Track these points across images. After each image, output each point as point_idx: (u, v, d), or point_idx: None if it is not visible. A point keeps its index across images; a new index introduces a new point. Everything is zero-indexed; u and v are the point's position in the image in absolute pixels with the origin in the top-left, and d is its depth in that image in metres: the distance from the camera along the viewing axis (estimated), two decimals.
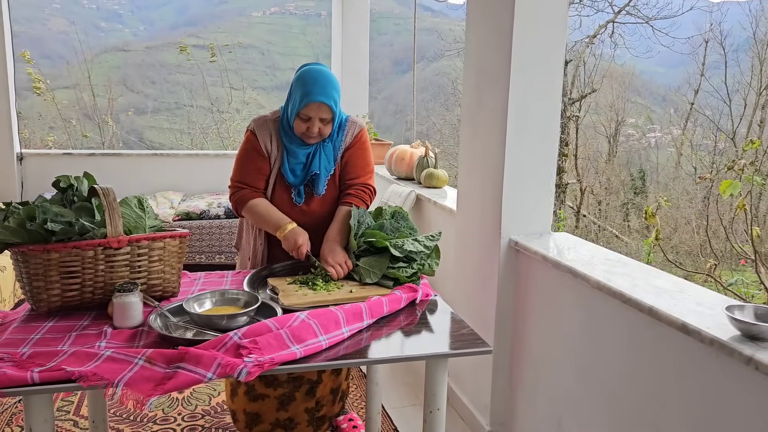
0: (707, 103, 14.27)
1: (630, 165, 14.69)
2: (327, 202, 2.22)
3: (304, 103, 2.03)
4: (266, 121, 2.18)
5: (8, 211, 1.67)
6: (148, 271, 1.78)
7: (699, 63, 14.24)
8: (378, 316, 1.74)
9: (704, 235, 7.79)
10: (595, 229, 11.71)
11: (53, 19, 20.65)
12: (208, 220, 4.47)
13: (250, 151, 2.17)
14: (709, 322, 1.50)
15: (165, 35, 22.39)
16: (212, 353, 1.45)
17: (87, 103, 8.91)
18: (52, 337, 1.56)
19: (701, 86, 14.14)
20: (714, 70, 14.60)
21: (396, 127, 17.58)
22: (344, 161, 2.22)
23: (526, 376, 2.34)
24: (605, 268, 1.96)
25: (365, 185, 2.23)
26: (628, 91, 15.65)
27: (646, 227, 11.77)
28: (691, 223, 10.36)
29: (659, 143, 16.43)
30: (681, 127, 14.81)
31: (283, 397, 2.12)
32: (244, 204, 2.16)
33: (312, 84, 2.04)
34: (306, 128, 2.07)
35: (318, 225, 2.17)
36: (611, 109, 14.81)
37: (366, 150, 2.26)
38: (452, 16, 20.40)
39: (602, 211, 13.09)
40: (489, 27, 2.37)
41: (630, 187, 13.60)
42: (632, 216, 12.77)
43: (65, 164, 4.66)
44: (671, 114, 16.68)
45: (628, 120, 15.52)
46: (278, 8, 24.32)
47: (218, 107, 9.52)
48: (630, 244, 10.68)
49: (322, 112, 2.05)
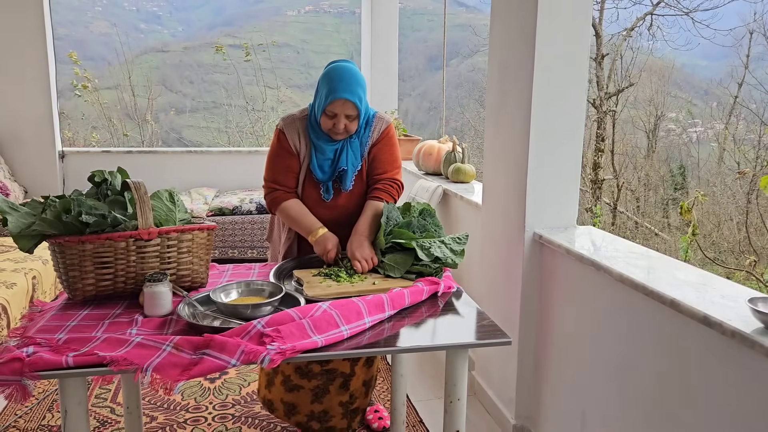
0: (752, 97, 13.83)
1: (670, 160, 14.35)
2: (354, 198, 2.25)
3: (329, 100, 2.07)
4: (294, 119, 2.22)
5: (46, 204, 1.75)
6: (178, 262, 1.84)
7: (743, 55, 13.81)
8: (399, 307, 1.77)
9: (744, 232, 7.57)
10: (632, 225, 11.48)
11: (95, 21, 21.22)
12: (240, 216, 4.57)
13: (280, 149, 2.22)
14: (732, 315, 1.48)
15: (202, 35, 22.79)
16: (236, 341, 1.50)
17: (128, 103, 9.15)
18: (86, 324, 1.63)
19: (745, 79, 13.71)
20: (759, 62, 14.14)
21: (430, 124, 17.54)
22: (371, 157, 2.24)
23: (551, 369, 2.33)
24: (629, 261, 1.95)
25: (393, 180, 2.25)
26: (668, 85, 15.27)
27: (686, 224, 11.49)
28: (733, 219, 10.07)
29: (701, 138, 16.00)
30: (724, 121, 14.39)
31: (317, 389, 2.16)
32: (277, 205, 2.22)
33: (337, 81, 2.07)
34: (332, 125, 2.11)
35: (346, 220, 2.21)
36: (650, 103, 14.48)
37: (393, 145, 2.28)
38: (486, 12, 20.23)
39: (640, 207, 12.82)
40: (513, 21, 2.36)
41: (670, 183, 13.29)
42: (671, 213, 12.48)
43: (104, 161, 4.82)
44: (713, 108, 16.22)
45: (668, 114, 15.15)
46: (313, 7, 24.50)
47: (253, 105, 9.66)
48: (668, 240, 10.45)
49: (347, 108, 2.08)
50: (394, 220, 2.08)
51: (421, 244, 1.98)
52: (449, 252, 1.99)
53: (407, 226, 2.06)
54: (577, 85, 2.29)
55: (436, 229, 2.07)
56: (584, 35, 2.26)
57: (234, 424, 2.54)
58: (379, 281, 1.93)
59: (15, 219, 1.69)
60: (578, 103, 2.30)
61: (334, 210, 2.23)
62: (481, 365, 2.81)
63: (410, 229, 2.05)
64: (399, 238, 2.02)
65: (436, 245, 1.99)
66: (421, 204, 2.14)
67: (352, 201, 2.25)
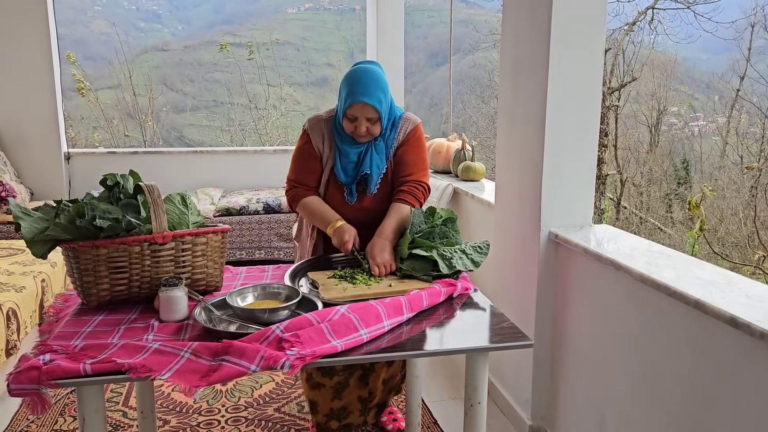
0: (754, 90, 13.78)
1: (673, 155, 14.31)
2: (379, 200, 2.21)
3: (348, 103, 2.05)
4: (319, 120, 2.20)
5: (59, 209, 1.73)
6: (192, 265, 1.82)
7: (744, 48, 13.76)
8: (418, 309, 1.74)
9: (752, 227, 7.54)
10: (637, 221, 11.45)
11: (95, 21, 21.17)
12: (247, 216, 4.54)
13: (303, 150, 2.21)
14: (759, 315, 1.46)
15: (202, 34, 22.74)
16: (255, 346, 1.48)
17: (129, 103, 9.13)
18: (102, 330, 1.61)
19: (747, 72, 13.66)
20: (761, 55, 14.09)
21: (432, 120, 17.50)
22: (397, 158, 2.20)
23: (568, 370, 2.31)
24: (648, 260, 1.92)
25: (419, 182, 2.19)
26: (670, 79, 15.22)
27: (690, 219, 11.46)
28: (738, 213, 10.04)
29: (703, 132, 15.95)
30: (726, 114, 14.34)
31: (339, 385, 2.16)
32: (297, 201, 2.22)
33: (356, 84, 2.05)
34: (354, 128, 2.08)
35: (370, 222, 2.16)
36: (652, 97, 14.43)
37: (421, 147, 2.23)
38: (487, 8, 20.19)
39: (644, 202, 12.79)
40: (526, 17, 2.34)
41: (673, 178, 13.26)
42: (675, 207, 12.45)
43: (110, 162, 4.80)
44: (715, 101, 16.17)
45: (670, 108, 15.11)
46: (313, 4, 24.44)
47: (256, 104, 9.64)
48: (673, 236, 10.42)
49: (366, 112, 2.05)
50: (417, 227, 2.05)
51: (442, 254, 1.95)
52: (470, 263, 1.97)
53: (429, 234, 2.02)
54: (591, 81, 2.26)
55: (455, 236, 2.04)
56: (599, 29, 2.23)
57: (247, 427, 2.52)
58: (395, 283, 1.91)
59: (28, 224, 1.67)
60: (593, 99, 2.28)
61: (358, 212, 2.20)
62: (494, 365, 2.79)
63: (431, 236, 2.02)
64: (420, 247, 1.99)
65: (458, 256, 1.95)
66: (446, 211, 2.10)
67: (377, 203, 2.21)
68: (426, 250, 1.97)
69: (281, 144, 8.89)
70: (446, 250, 1.97)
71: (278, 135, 9.61)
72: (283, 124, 9.95)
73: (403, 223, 2.08)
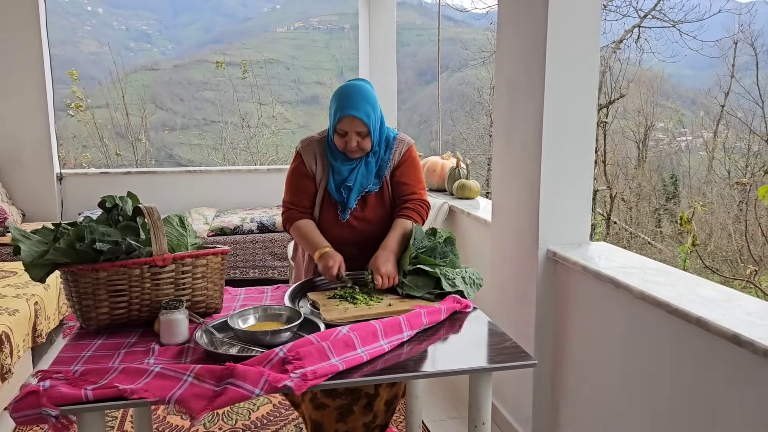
0: (739, 105, 13.99)
1: (661, 170, 14.46)
2: (375, 221, 2.22)
3: (337, 118, 2.08)
4: (312, 141, 2.23)
5: (58, 232, 1.72)
6: (192, 288, 1.81)
7: (729, 65, 13.99)
8: (417, 328, 1.74)
9: (741, 241, 7.60)
10: (627, 236, 11.52)
11: (85, 41, 21.20)
12: (241, 235, 4.52)
13: (297, 171, 2.23)
14: (762, 333, 1.46)
15: (192, 53, 22.82)
16: (259, 369, 1.47)
17: (119, 122, 9.11)
18: (101, 355, 1.59)
19: (732, 88, 13.88)
20: (745, 72, 14.32)
21: (421, 138, 17.59)
22: (395, 179, 2.23)
23: (569, 388, 2.31)
24: (647, 278, 1.93)
25: (422, 200, 2.24)
26: (656, 95, 15.43)
27: (679, 233, 11.54)
28: (727, 228, 10.13)
29: (690, 147, 16.14)
30: (712, 130, 14.53)
31: (342, 408, 2.14)
32: (291, 224, 2.23)
33: (344, 99, 2.08)
34: (344, 143, 2.10)
35: (366, 242, 2.18)
36: (639, 113, 14.61)
37: (417, 166, 2.28)
38: (475, 26, 20.42)
39: (633, 217, 12.88)
40: (521, 36, 2.36)
41: (662, 193, 13.37)
42: (665, 222, 12.54)
43: (102, 183, 4.77)
44: (701, 117, 16.39)
45: (657, 124, 15.29)
46: (302, 23, 24.64)
47: (248, 122, 9.66)
48: (664, 250, 10.49)
49: (355, 125, 2.07)
50: (420, 242, 2.07)
51: (445, 274, 1.97)
52: (469, 288, 2.00)
53: (431, 251, 2.05)
54: (586, 99, 2.29)
55: (454, 259, 2.07)
56: (593, 49, 2.26)
57: None
58: (395, 302, 1.91)
59: (27, 248, 1.65)
60: (588, 116, 2.30)
61: (353, 231, 2.21)
62: (494, 384, 2.75)
63: (434, 254, 2.05)
64: (424, 263, 2.01)
65: (459, 278, 1.98)
66: (445, 231, 2.13)
67: (373, 225, 2.22)
68: (430, 267, 1.99)
69: (272, 162, 8.89)
70: (449, 271, 1.98)
71: (269, 153, 9.63)
72: (273, 143, 9.98)
73: (406, 238, 2.09)
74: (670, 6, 11.83)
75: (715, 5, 12.12)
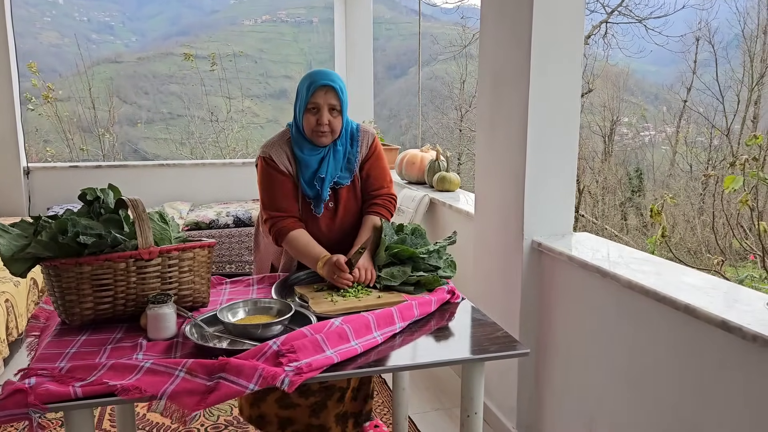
0: (700, 101, 14.35)
1: (626, 164, 14.75)
2: (349, 215, 2.21)
3: (311, 91, 2.05)
4: (275, 142, 2.17)
5: (38, 225, 1.66)
6: (179, 281, 1.77)
7: (690, 61, 14.33)
8: (409, 319, 1.74)
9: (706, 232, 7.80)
10: (595, 228, 11.73)
11: (44, 32, 20.59)
12: (217, 230, 4.45)
13: (272, 175, 2.13)
14: (750, 319, 1.50)
15: (157, 46, 22.37)
16: (253, 363, 1.44)
17: (81, 116, 8.86)
18: (87, 351, 1.55)
19: (693, 84, 14.22)
20: (705, 68, 14.69)
21: (391, 131, 17.61)
22: (364, 173, 2.22)
23: (554, 377, 2.33)
24: (633, 267, 1.96)
25: (390, 195, 2.26)
26: (622, 91, 15.71)
27: (644, 225, 11.79)
28: (692, 220, 10.38)
29: (654, 141, 16.50)
30: (675, 125, 14.87)
31: (315, 405, 2.12)
32: (284, 236, 2.11)
33: (318, 74, 2.08)
34: (315, 121, 2.06)
35: (341, 237, 2.19)
36: (605, 108, 14.87)
37: (383, 159, 2.28)
38: (444, 20, 20.47)
39: (600, 210, 13.11)
40: (506, 29, 2.37)
41: (627, 186, 13.64)
42: (630, 215, 12.80)
43: (72, 177, 4.63)
44: (664, 112, 16.75)
45: (622, 119, 15.58)
46: (270, 16, 24.36)
47: (217, 116, 9.51)
48: (630, 243, 10.71)
49: (329, 98, 2.06)
50: (390, 238, 2.08)
51: (420, 254, 2.01)
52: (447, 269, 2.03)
53: (402, 243, 2.07)
54: (571, 92, 2.31)
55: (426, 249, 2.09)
56: (578, 42, 2.28)
57: None
58: (383, 294, 1.91)
59: (7, 242, 1.59)
60: (573, 107, 2.32)
61: (328, 227, 2.19)
62: None
63: (404, 244, 2.07)
64: (401, 254, 2.03)
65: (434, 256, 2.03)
66: (411, 224, 2.15)
67: (347, 219, 2.21)
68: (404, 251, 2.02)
69: (242, 156, 8.77)
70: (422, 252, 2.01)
71: (239, 148, 9.50)
72: (243, 137, 9.84)
73: (378, 235, 2.09)
74: (636, 2, 12.05)
75: (680, 1, 12.40)
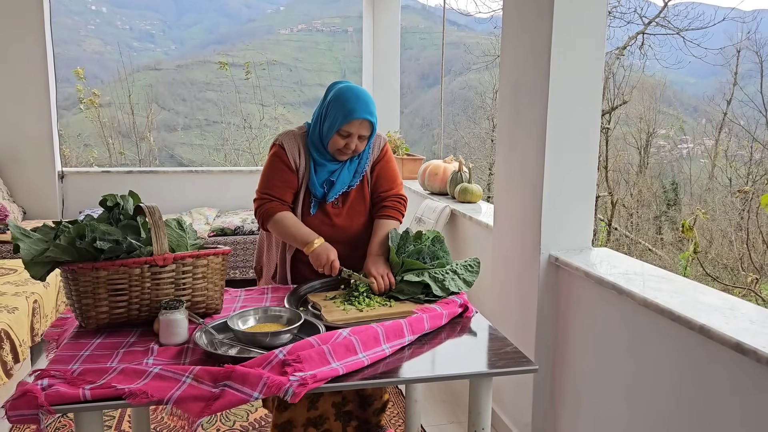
0: (742, 113, 13.99)
1: (662, 176, 14.45)
2: (356, 216, 2.22)
3: (347, 120, 2.04)
4: (294, 135, 2.18)
5: (58, 230, 1.71)
6: (193, 288, 1.80)
7: (732, 72, 13.98)
8: (419, 332, 1.73)
9: (742, 249, 7.57)
10: (628, 242, 11.50)
11: (88, 40, 21.22)
12: (242, 236, 4.52)
13: (278, 164, 2.16)
14: (765, 341, 1.45)
15: (195, 54, 22.85)
16: (258, 371, 1.46)
17: (121, 121, 9.11)
18: (100, 354, 1.58)
19: (734, 96, 13.88)
20: (748, 80, 14.33)
21: (423, 141, 17.61)
22: (375, 175, 2.24)
23: (569, 394, 2.29)
24: (650, 285, 1.92)
25: (399, 196, 2.26)
26: (658, 102, 15.42)
27: (680, 240, 11.52)
28: (728, 235, 10.11)
29: (692, 154, 16.14)
30: (714, 137, 14.52)
31: (311, 396, 2.11)
32: (270, 217, 2.12)
33: (355, 101, 2.06)
34: (344, 144, 2.08)
35: (347, 239, 2.18)
36: (641, 120, 14.61)
37: (392, 161, 2.30)
38: (478, 30, 20.45)
39: (634, 224, 12.86)
40: (526, 42, 2.36)
41: (663, 200, 13.35)
42: (665, 229, 12.52)
43: (104, 182, 4.76)
44: (703, 124, 16.38)
45: (659, 131, 15.28)
46: (305, 25, 24.67)
47: (250, 123, 9.66)
48: (664, 257, 10.47)
49: (363, 128, 2.08)
50: (404, 249, 2.06)
51: (434, 276, 1.96)
52: (462, 283, 1.99)
53: (418, 254, 2.04)
54: (591, 105, 2.28)
55: (444, 255, 2.05)
56: (598, 54, 2.25)
57: None
58: (396, 303, 1.91)
59: (27, 245, 1.65)
60: (592, 122, 2.29)
61: (334, 229, 2.19)
62: (493, 389, 2.75)
63: (421, 256, 2.03)
64: (411, 268, 1.99)
65: (450, 277, 1.97)
66: (431, 231, 2.13)
67: (354, 220, 2.22)
68: (417, 274, 1.97)
69: None
70: (437, 271, 1.97)
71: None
72: None
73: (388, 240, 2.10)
74: (674, 13, 11.83)
75: (720, 13, 12.12)
